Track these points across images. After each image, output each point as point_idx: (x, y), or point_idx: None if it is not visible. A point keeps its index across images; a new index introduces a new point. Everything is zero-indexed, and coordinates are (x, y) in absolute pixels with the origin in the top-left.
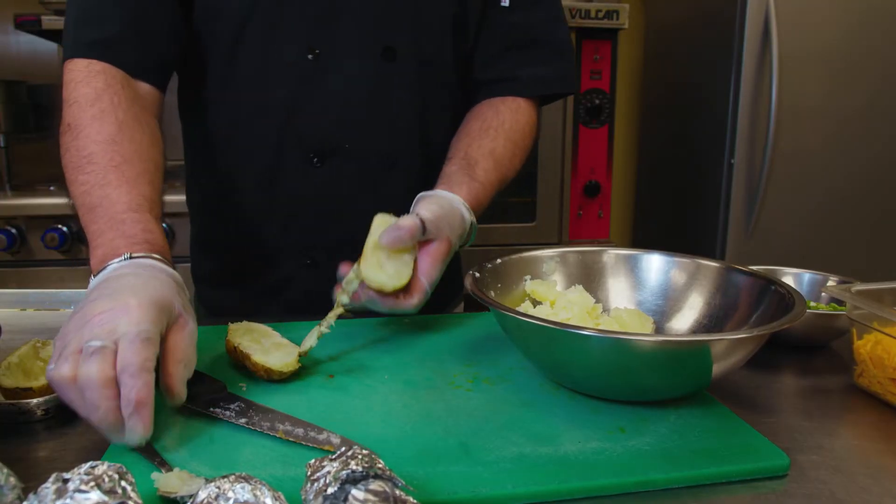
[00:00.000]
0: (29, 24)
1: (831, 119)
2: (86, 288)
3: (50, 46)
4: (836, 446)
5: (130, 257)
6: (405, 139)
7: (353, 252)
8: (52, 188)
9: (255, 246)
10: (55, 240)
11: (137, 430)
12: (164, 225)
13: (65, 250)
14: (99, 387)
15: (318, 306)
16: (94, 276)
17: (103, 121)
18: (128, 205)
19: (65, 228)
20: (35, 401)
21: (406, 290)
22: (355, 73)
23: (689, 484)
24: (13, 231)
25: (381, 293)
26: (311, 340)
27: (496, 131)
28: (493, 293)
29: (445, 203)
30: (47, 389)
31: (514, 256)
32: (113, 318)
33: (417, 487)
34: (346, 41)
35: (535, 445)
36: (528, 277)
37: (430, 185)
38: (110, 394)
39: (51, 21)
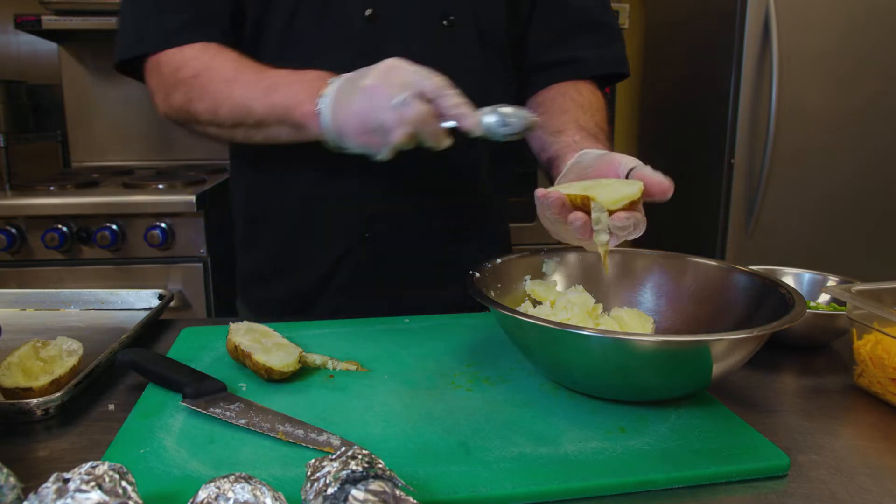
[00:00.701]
0: (29, 24)
1: (831, 119)
2: (85, 287)
3: (50, 46)
4: (836, 446)
5: (337, 79)
6: None
7: (415, 222)
8: (52, 188)
9: (310, 227)
10: (55, 240)
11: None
12: (163, 224)
13: (65, 250)
14: (430, 131)
15: (373, 286)
16: (321, 104)
17: (225, 55)
18: (294, 70)
19: (65, 228)
20: (35, 401)
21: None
22: (416, 38)
23: (689, 484)
24: (13, 231)
25: (621, 210)
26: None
27: (589, 107)
28: (493, 293)
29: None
30: (47, 389)
31: (514, 256)
32: (392, 76)
33: (417, 487)
34: (405, 4)
35: (535, 445)
36: (528, 277)
37: (491, 154)
38: (441, 133)
39: (51, 21)
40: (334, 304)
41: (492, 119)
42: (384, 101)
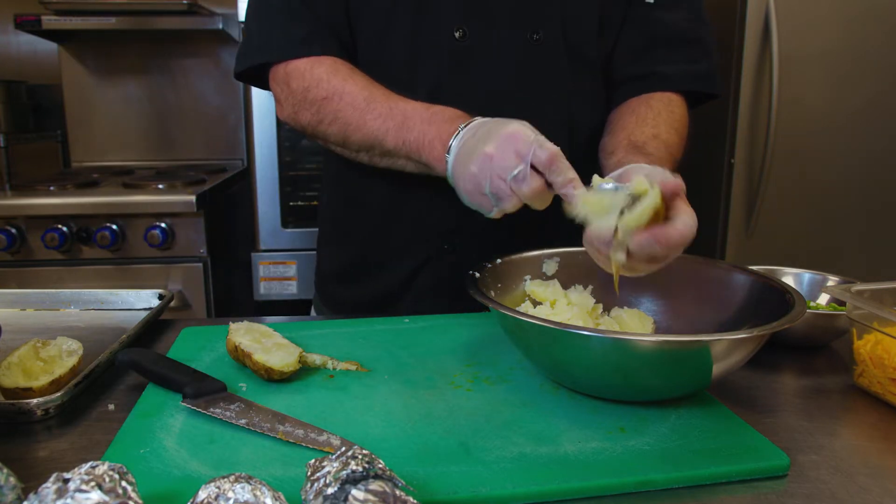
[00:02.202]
0: (29, 24)
1: (831, 119)
2: (85, 287)
3: (50, 46)
4: (836, 446)
5: (466, 125)
6: (553, 124)
7: (494, 234)
8: (52, 188)
9: (392, 232)
10: (55, 240)
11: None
12: (163, 224)
13: (65, 250)
14: (538, 199)
15: (450, 292)
16: (449, 153)
17: (355, 80)
18: (425, 106)
19: (65, 228)
20: (35, 401)
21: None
22: (504, 53)
23: (689, 484)
24: (13, 231)
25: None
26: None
27: (654, 119)
28: (493, 293)
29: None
30: (47, 389)
31: (514, 256)
32: (511, 146)
33: (417, 487)
34: (494, 21)
35: (535, 445)
36: (528, 277)
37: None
38: (548, 197)
39: (51, 21)
40: (414, 307)
41: None
42: (500, 171)
